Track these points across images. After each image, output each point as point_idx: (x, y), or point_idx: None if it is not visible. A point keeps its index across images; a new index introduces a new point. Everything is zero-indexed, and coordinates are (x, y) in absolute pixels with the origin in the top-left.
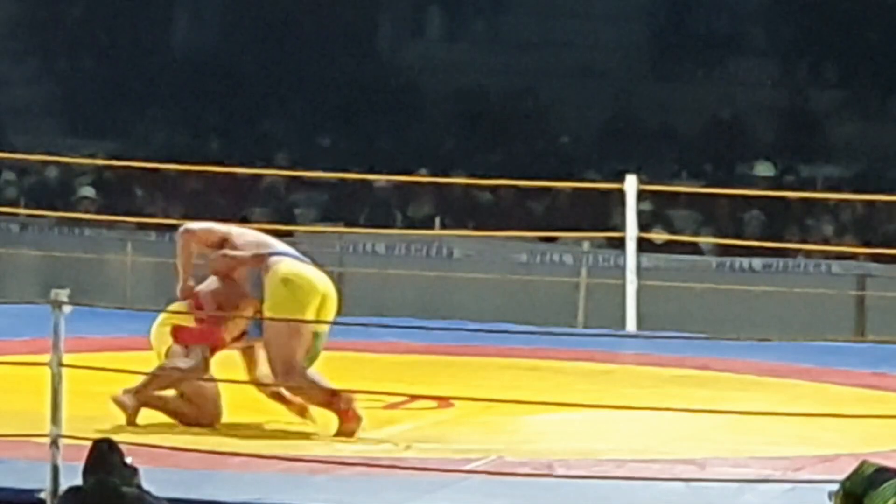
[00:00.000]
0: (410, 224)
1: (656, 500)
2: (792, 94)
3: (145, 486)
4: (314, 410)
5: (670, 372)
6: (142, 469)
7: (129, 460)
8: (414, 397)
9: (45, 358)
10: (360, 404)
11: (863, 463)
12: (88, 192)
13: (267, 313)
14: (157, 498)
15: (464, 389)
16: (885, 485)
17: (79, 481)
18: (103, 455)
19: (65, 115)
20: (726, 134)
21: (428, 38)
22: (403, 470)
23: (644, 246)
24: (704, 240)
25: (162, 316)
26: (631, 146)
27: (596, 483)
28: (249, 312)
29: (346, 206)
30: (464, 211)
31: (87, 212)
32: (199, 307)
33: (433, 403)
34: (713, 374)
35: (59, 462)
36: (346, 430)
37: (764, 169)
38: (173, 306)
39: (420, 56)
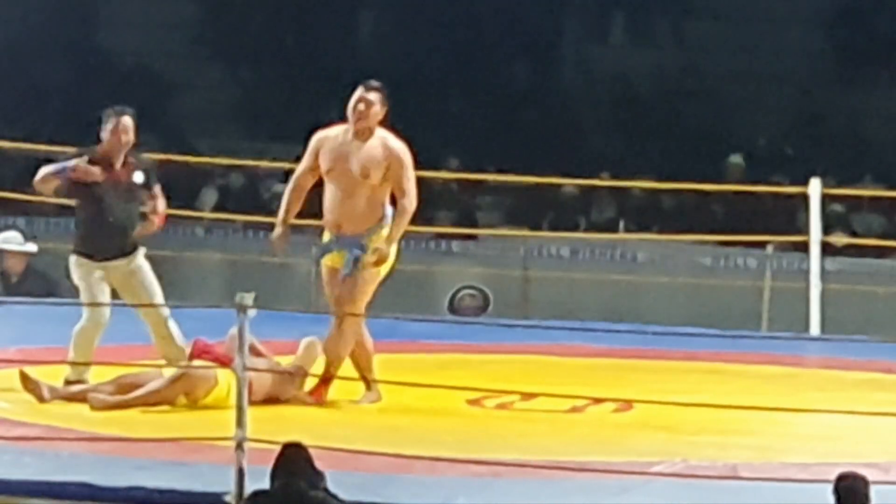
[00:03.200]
0: (594, 228)
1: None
2: None
3: (331, 489)
4: None
5: (855, 375)
6: (326, 472)
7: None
8: (597, 400)
9: None
10: (544, 406)
11: None
12: (279, 188)
13: None
14: (343, 502)
15: (647, 393)
16: None
17: (262, 485)
18: (291, 458)
19: (249, 119)
20: None
21: (610, 42)
22: (588, 473)
23: (829, 249)
24: (887, 243)
25: None
26: (817, 150)
27: (781, 486)
28: None
29: (530, 210)
30: (647, 214)
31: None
32: None
33: (615, 406)
34: None
35: (245, 465)
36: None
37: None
38: None
39: (602, 60)
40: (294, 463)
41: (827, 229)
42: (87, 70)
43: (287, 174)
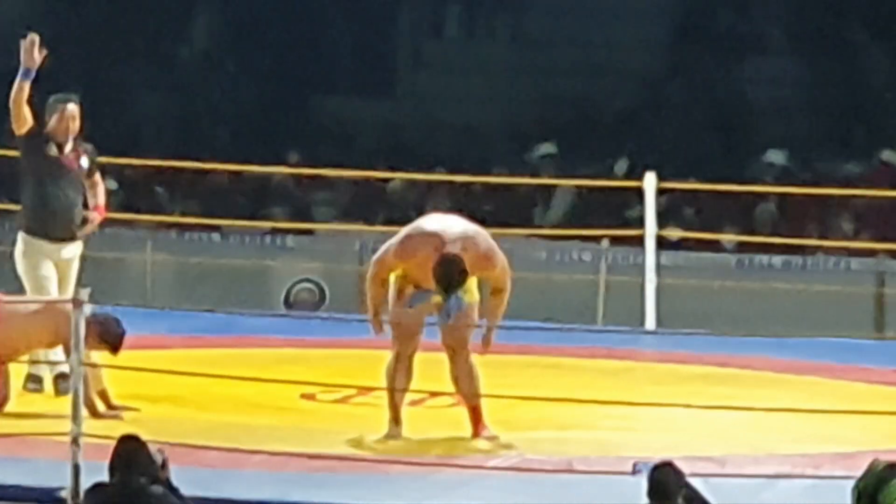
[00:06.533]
0: None
1: None
2: (809, 91)
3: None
4: None
5: (690, 369)
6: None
7: (158, 456)
8: (434, 394)
9: None
10: (383, 401)
11: (874, 461)
12: (111, 185)
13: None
14: (182, 498)
15: (483, 387)
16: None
17: (102, 479)
18: (129, 452)
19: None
20: (743, 131)
21: (445, 36)
22: (424, 467)
23: (664, 244)
24: (721, 237)
25: None
26: (652, 143)
27: (615, 480)
28: None
29: (365, 205)
30: (481, 209)
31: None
32: None
33: (452, 400)
34: (733, 372)
35: (80, 460)
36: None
37: (776, 157)
38: None
39: (437, 55)
40: (132, 457)
41: (661, 223)
42: None
43: (122, 170)
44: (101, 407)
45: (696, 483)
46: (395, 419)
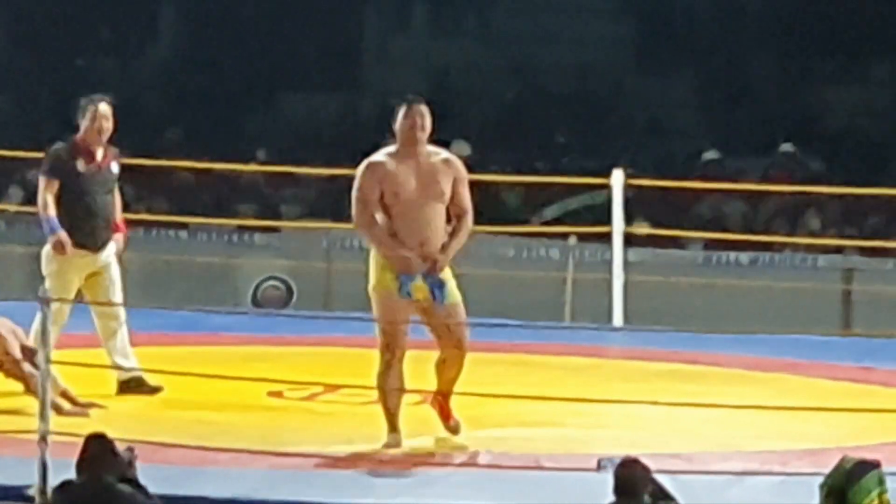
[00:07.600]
0: None
1: None
2: (776, 86)
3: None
4: None
5: (657, 366)
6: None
7: (125, 454)
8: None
9: None
10: (351, 398)
11: (843, 458)
12: None
13: None
14: (150, 496)
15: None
16: (865, 476)
17: (70, 477)
18: (96, 451)
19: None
20: (714, 128)
21: (412, 32)
22: (391, 465)
23: (631, 240)
24: (689, 234)
25: None
26: (617, 140)
27: (583, 477)
28: None
29: (332, 202)
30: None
31: None
32: None
33: (419, 398)
34: (700, 369)
35: (48, 458)
36: None
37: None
38: None
39: (405, 50)
40: (99, 455)
41: (629, 220)
42: None
43: None
44: (66, 406)
45: (663, 480)
46: (393, 427)
